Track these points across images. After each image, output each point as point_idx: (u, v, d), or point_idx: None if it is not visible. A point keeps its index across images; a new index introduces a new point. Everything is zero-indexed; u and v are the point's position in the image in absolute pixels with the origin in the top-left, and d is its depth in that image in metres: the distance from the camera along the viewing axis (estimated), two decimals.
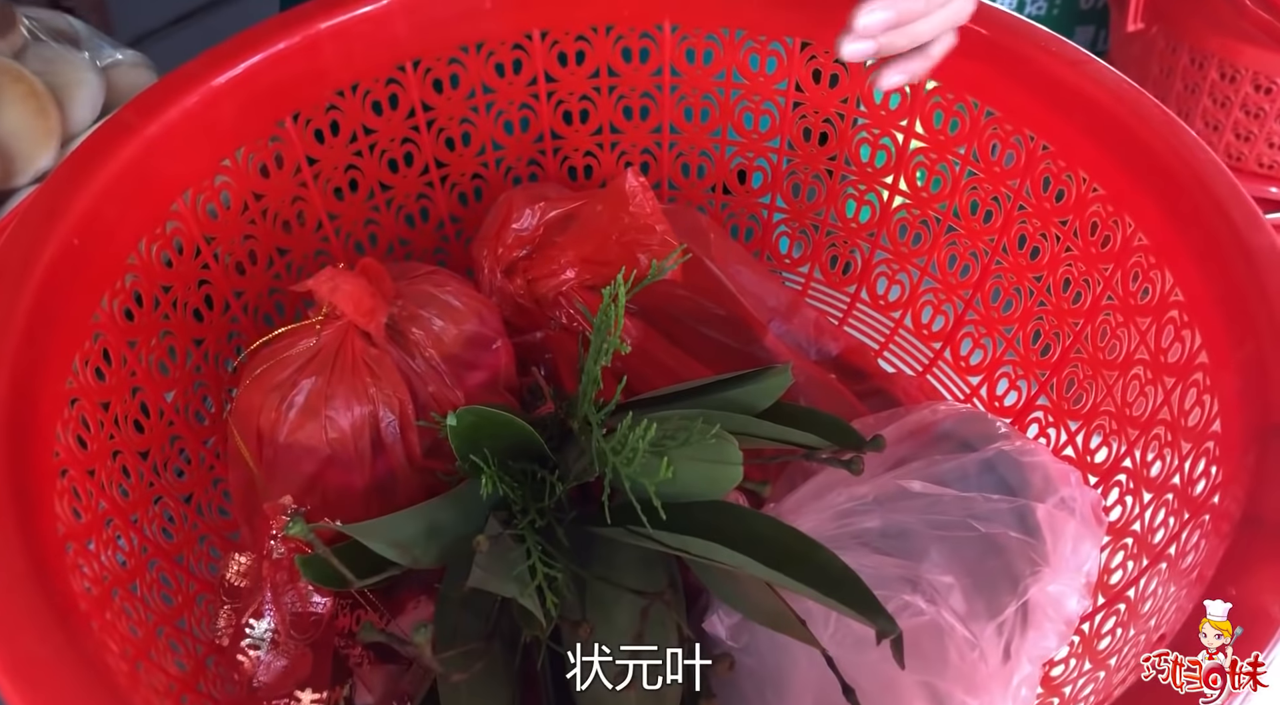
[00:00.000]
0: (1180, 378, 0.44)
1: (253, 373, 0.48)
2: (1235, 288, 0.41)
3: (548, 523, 0.44)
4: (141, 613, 0.42)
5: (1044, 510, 0.46)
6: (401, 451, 0.49)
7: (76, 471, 0.41)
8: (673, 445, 0.41)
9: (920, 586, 0.46)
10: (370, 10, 0.52)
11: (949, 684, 0.43)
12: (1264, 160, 0.95)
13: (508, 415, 0.43)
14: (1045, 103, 0.50)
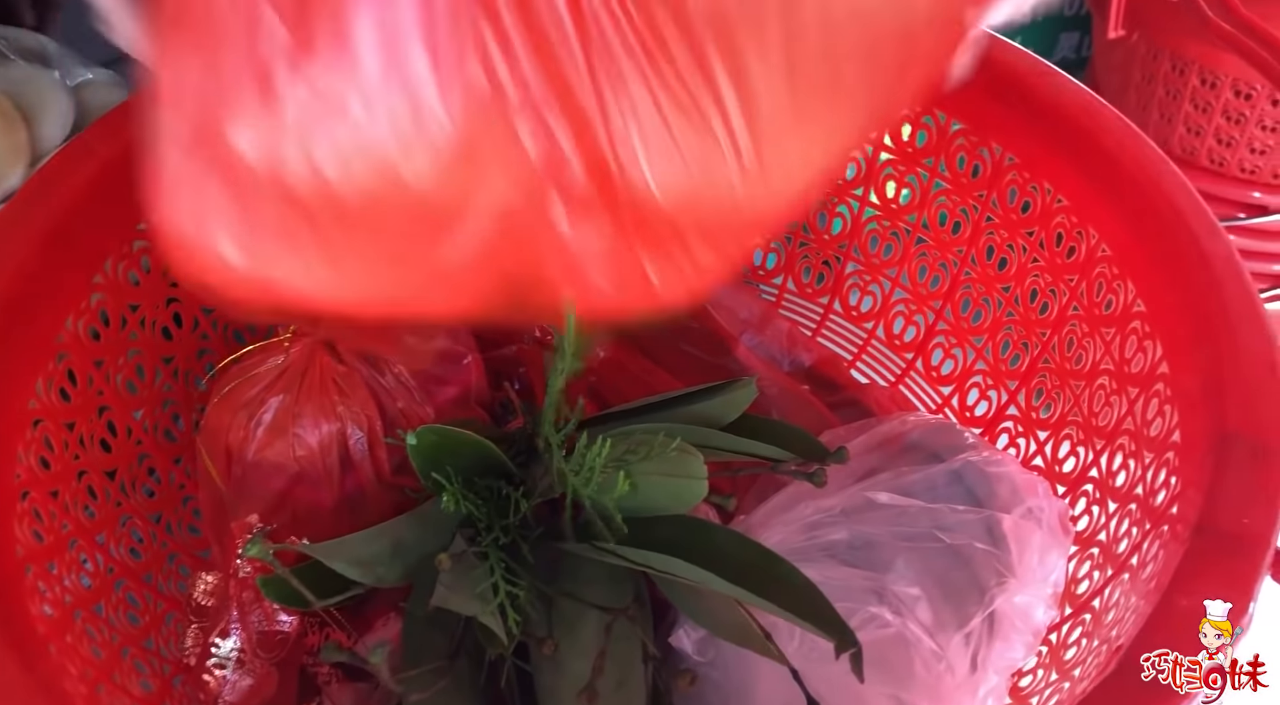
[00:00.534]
0: (1143, 388, 0.44)
1: (221, 391, 0.48)
2: (1193, 300, 0.41)
3: (513, 539, 0.44)
4: (106, 634, 0.42)
5: (1010, 521, 0.46)
6: (370, 468, 0.49)
7: (38, 493, 0.41)
8: (634, 460, 0.41)
9: (886, 598, 0.46)
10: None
11: (915, 696, 0.43)
12: (1246, 165, 0.95)
13: (469, 434, 0.43)
14: (1011, 115, 0.50)
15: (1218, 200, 0.98)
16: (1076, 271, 0.49)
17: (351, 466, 0.49)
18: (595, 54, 0.30)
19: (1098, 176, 0.47)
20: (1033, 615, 0.46)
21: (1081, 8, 1.15)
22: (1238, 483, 0.35)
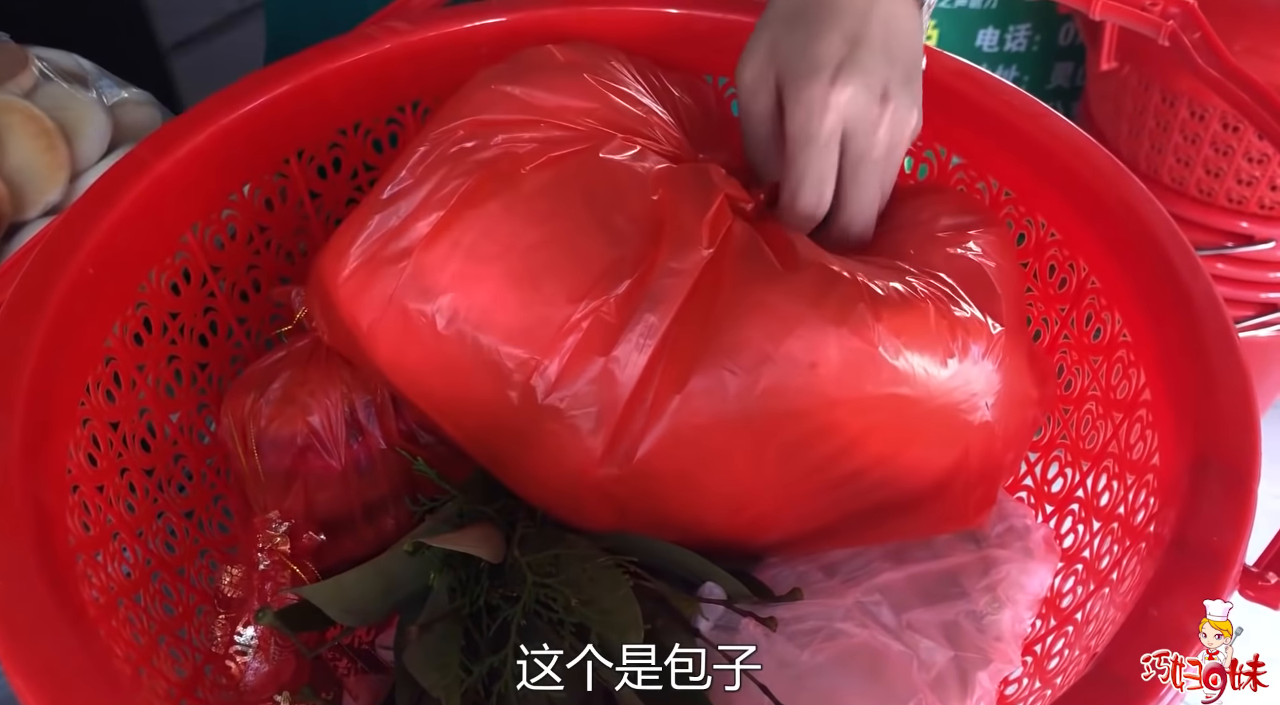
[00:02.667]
0: (1127, 413, 0.47)
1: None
2: (1174, 332, 0.44)
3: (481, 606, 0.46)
4: (144, 622, 0.45)
5: (997, 538, 0.49)
6: (379, 434, 0.52)
7: (87, 487, 0.44)
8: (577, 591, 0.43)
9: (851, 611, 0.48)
10: (371, 55, 0.55)
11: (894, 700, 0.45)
12: (1233, 195, 0.99)
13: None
14: (1006, 152, 0.53)
15: (1206, 229, 1.01)
16: (1067, 302, 0.52)
17: (360, 432, 0.51)
18: None
19: (1087, 212, 0.50)
20: (1019, 627, 0.48)
21: (1076, 39, 1.18)
22: (1210, 504, 0.37)
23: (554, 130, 0.47)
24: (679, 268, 0.43)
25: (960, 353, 0.44)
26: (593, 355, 0.43)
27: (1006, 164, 0.54)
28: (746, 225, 0.46)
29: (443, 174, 0.45)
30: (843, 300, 0.43)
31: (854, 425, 0.44)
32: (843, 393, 0.43)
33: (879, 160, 0.47)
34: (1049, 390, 0.50)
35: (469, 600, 0.44)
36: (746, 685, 0.44)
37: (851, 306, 0.43)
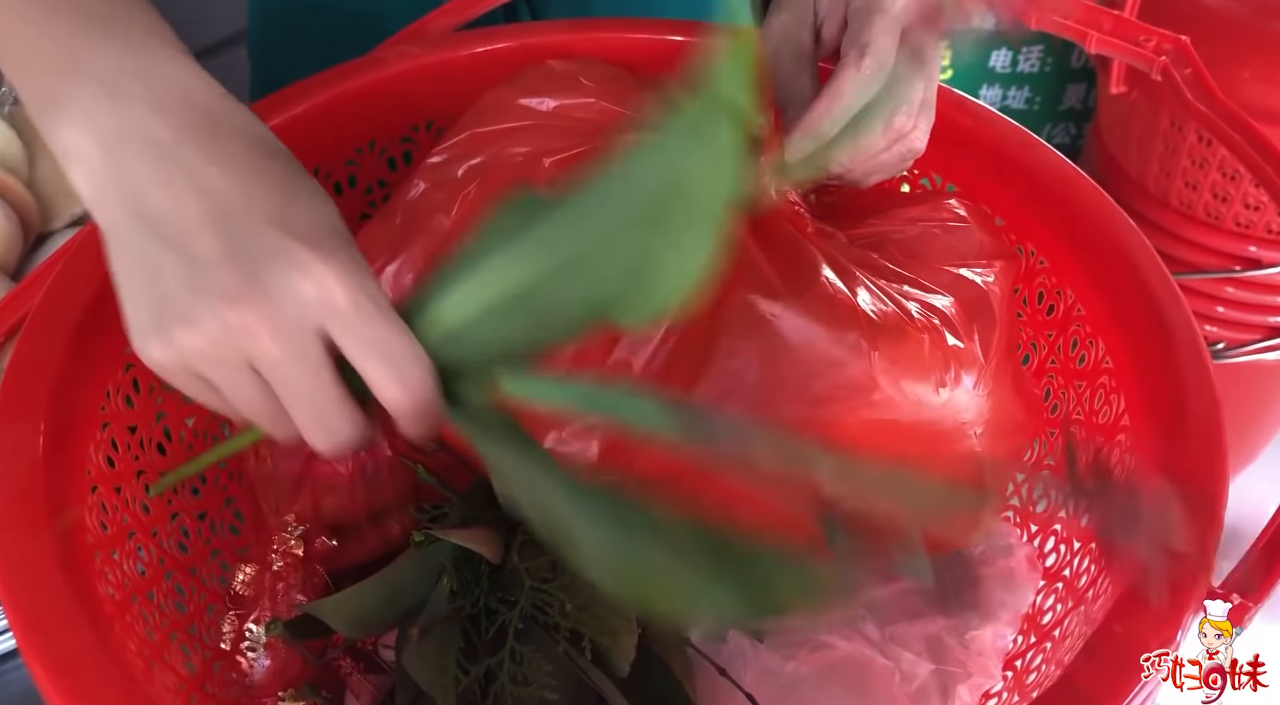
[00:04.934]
0: (1108, 437, 0.49)
1: None
2: (1152, 360, 0.46)
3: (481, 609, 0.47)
4: (157, 618, 0.47)
5: (981, 556, 0.50)
6: (385, 442, 0.53)
7: (105, 488, 0.46)
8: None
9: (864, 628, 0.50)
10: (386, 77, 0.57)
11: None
12: (1240, 220, 0.99)
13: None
14: (998, 180, 0.55)
15: (1213, 253, 1.02)
16: (1055, 328, 0.54)
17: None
18: None
19: (1074, 241, 0.51)
20: (1000, 642, 0.50)
21: (1088, 61, 1.19)
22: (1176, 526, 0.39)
23: (552, 133, 0.49)
24: None
25: (952, 382, 0.45)
26: (590, 363, 0.45)
27: (998, 192, 0.55)
28: (746, 233, 0.47)
29: (448, 190, 0.47)
30: (840, 326, 0.45)
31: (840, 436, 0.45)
32: (834, 416, 0.44)
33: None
34: (1035, 416, 0.51)
35: (469, 602, 0.46)
36: (733, 693, 0.46)
37: (848, 332, 0.44)
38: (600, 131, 0.49)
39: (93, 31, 0.38)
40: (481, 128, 0.49)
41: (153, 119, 0.36)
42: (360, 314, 0.36)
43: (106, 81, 0.36)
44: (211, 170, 0.36)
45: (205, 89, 0.38)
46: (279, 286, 0.35)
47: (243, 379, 0.37)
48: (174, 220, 0.36)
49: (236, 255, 0.35)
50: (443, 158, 0.49)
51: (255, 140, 0.38)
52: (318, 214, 0.38)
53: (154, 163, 0.36)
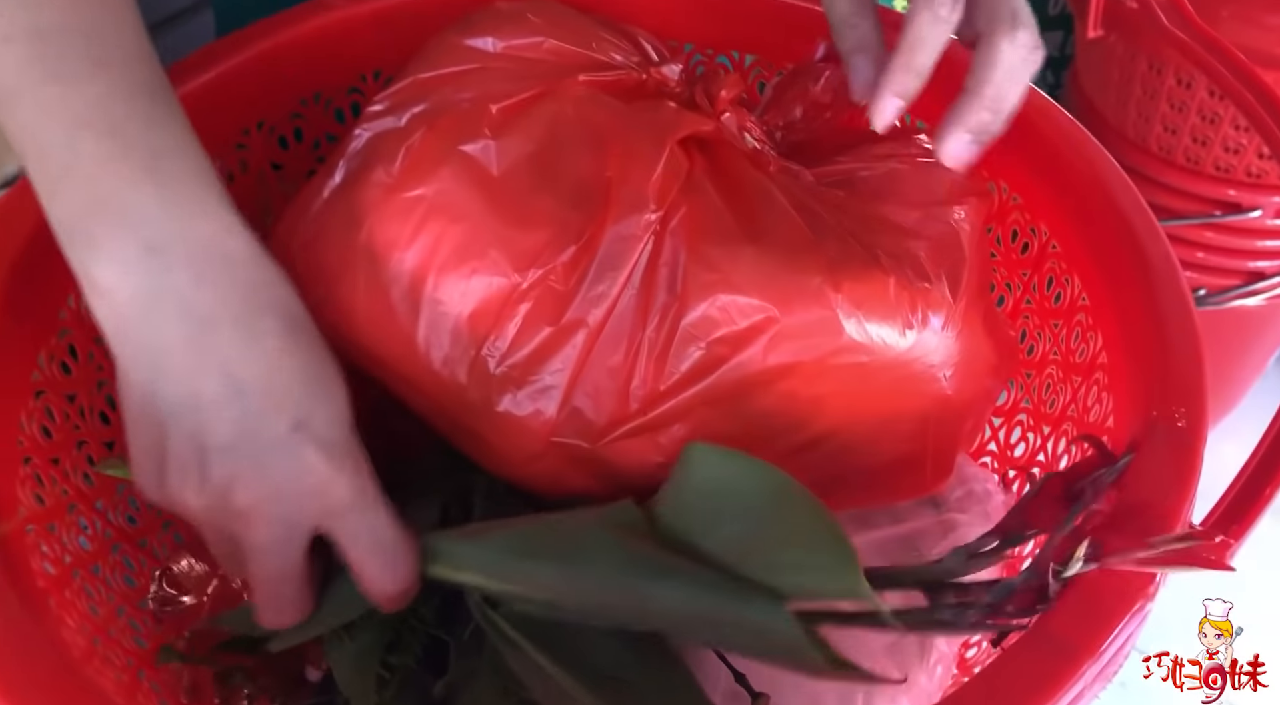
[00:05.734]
0: (1085, 377, 0.47)
1: None
2: (1130, 296, 0.44)
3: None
4: (103, 593, 0.45)
5: (957, 502, 0.49)
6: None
7: (40, 459, 0.44)
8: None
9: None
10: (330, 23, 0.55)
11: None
12: (1220, 164, 0.98)
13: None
14: None
15: (1193, 197, 1.01)
16: (1029, 266, 0.52)
17: None
18: None
19: (1048, 175, 0.49)
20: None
21: (1065, 7, 1.17)
22: (1157, 466, 0.37)
23: (499, 76, 0.47)
24: (627, 232, 0.43)
25: (920, 323, 0.44)
26: (543, 324, 0.43)
27: None
28: (704, 177, 0.45)
29: (391, 141, 0.45)
30: (802, 270, 0.43)
31: (811, 394, 0.43)
32: (799, 362, 0.43)
33: None
34: (1009, 358, 0.49)
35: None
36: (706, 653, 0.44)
37: (810, 276, 0.43)
38: (550, 73, 0.47)
39: (135, 173, 0.36)
40: (424, 73, 0.47)
41: (191, 288, 0.36)
42: (361, 515, 0.38)
43: (145, 237, 0.36)
44: (242, 355, 0.36)
45: (245, 251, 0.38)
46: (286, 485, 0.37)
47: (225, 541, 0.39)
48: (193, 393, 0.36)
49: (248, 445, 0.36)
50: (384, 106, 0.47)
51: (288, 318, 0.38)
52: (335, 414, 0.38)
53: (186, 332, 0.36)
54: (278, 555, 0.38)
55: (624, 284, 0.43)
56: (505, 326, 0.43)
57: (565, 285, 0.43)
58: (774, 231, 0.44)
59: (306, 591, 0.40)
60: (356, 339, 0.47)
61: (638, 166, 0.44)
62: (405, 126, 0.46)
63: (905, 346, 0.43)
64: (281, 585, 0.39)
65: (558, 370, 0.43)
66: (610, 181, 0.44)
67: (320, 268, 0.46)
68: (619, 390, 0.44)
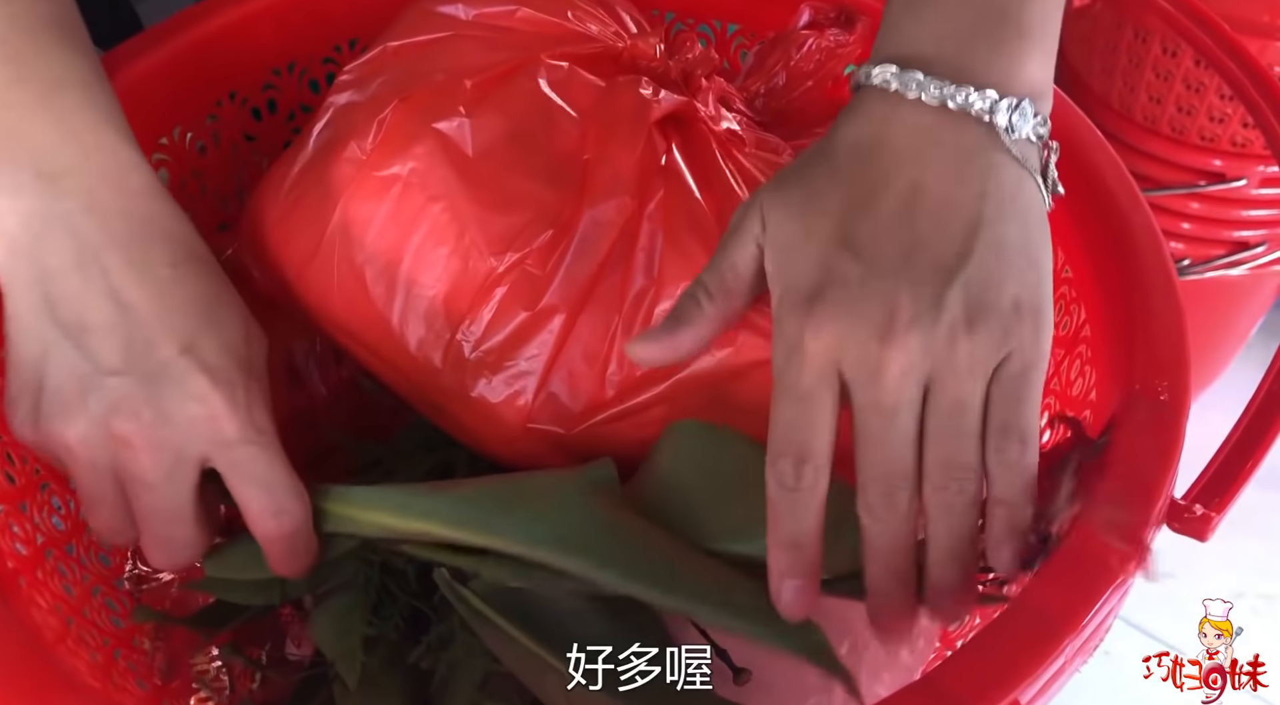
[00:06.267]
0: (1068, 350, 0.47)
1: None
2: (1113, 267, 0.43)
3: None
4: (78, 573, 0.45)
5: None
6: (320, 382, 0.51)
7: (9, 437, 0.43)
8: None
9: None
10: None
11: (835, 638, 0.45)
12: (1205, 133, 0.97)
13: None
14: None
15: (1178, 167, 1.00)
16: None
17: (300, 380, 0.51)
18: None
19: None
20: None
21: None
22: (1138, 438, 0.37)
23: (471, 45, 0.45)
24: (604, 217, 0.42)
25: None
26: (519, 308, 0.42)
27: None
28: (680, 159, 0.45)
29: (363, 113, 0.44)
30: None
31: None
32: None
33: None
34: None
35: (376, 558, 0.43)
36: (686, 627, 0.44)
37: None
38: (524, 43, 0.46)
39: (32, 100, 0.36)
40: (394, 41, 0.46)
41: (82, 216, 0.35)
42: (248, 448, 0.37)
43: (40, 164, 0.35)
44: (131, 280, 0.36)
45: (140, 183, 0.37)
46: (172, 410, 0.36)
47: (101, 480, 0.37)
48: (81, 318, 0.35)
49: (135, 369, 0.36)
50: (353, 76, 0.46)
51: (182, 249, 0.38)
52: (226, 342, 0.38)
53: (74, 257, 0.35)
54: (166, 486, 0.37)
55: (600, 268, 0.42)
56: (480, 310, 0.43)
57: (542, 269, 0.42)
58: None
59: (198, 530, 0.39)
60: (332, 316, 0.46)
61: (615, 149, 0.43)
62: (377, 98, 0.45)
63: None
64: (173, 524, 0.38)
65: (533, 356, 0.43)
66: (588, 164, 0.43)
67: (294, 243, 0.45)
68: (595, 376, 0.43)
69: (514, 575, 0.36)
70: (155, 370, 0.36)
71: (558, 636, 0.37)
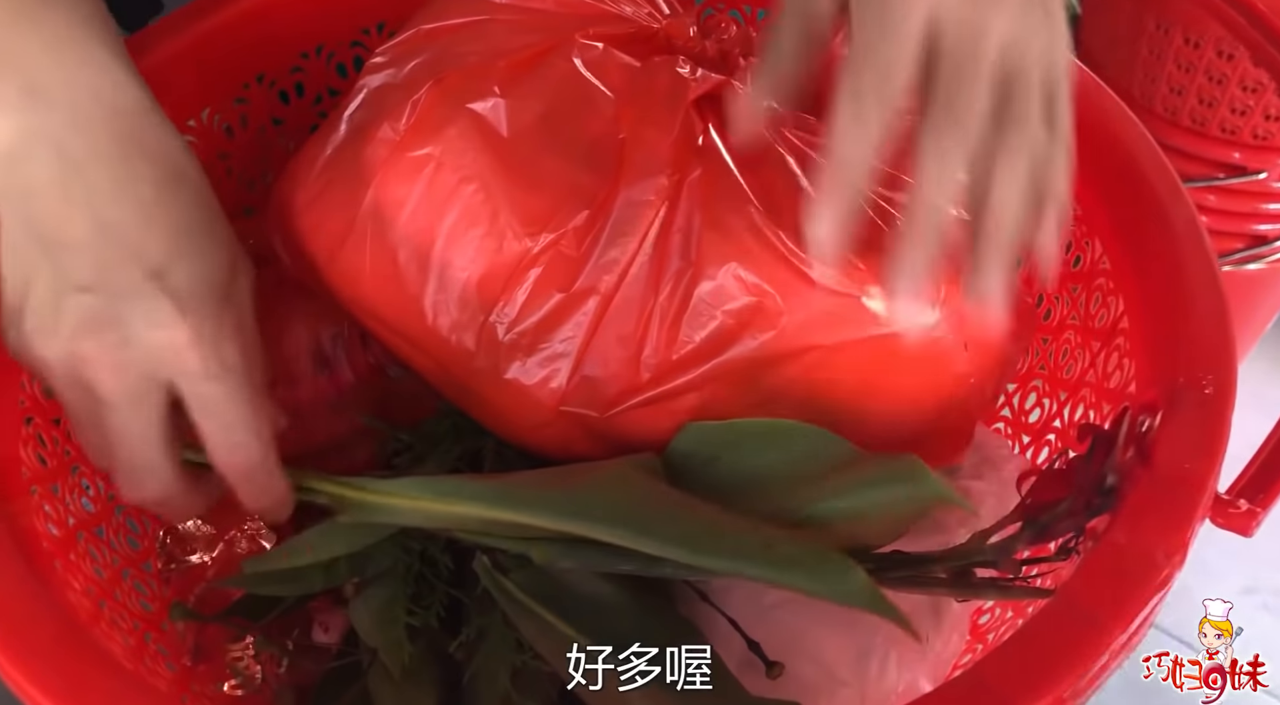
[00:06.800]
0: (1105, 342, 0.46)
1: None
2: (1153, 258, 0.43)
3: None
4: (107, 556, 0.44)
5: (972, 469, 0.48)
6: (347, 367, 0.51)
7: (41, 420, 0.43)
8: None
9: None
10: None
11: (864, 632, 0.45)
12: (1226, 125, 0.97)
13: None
14: None
15: (1198, 160, 1.00)
16: None
17: (328, 366, 0.51)
18: None
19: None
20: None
21: None
22: (1183, 432, 0.37)
23: (506, 28, 0.45)
24: (641, 197, 0.41)
25: (943, 298, 0.43)
26: (553, 290, 0.42)
27: None
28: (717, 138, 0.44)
29: (396, 95, 0.43)
30: None
31: (828, 373, 0.42)
32: (818, 341, 0.42)
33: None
34: (1027, 325, 0.49)
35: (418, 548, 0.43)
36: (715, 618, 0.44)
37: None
38: (559, 25, 0.46)
39: (17, 13, 0.35)
40: (428, 24, 0.46)
41: (67, 131, 0.35)
42: (208, 378, 0.37)
43: (26, 79, 0.34)
44: (112, 198, 0.35)
45: (129, 101, 0.37)
46: (134, 333, 0.36)
47: (80, 399, 0.37)
48: (59, 234, 0.35)
49: (105, 287, 0.35)
50: (387, 58, 0.45)
51: (168, 168, 0.37)
52: (204, 271, 0.37)
53: (57, 173, 0.35)
54: (130, 409, 0.37)
55: (636, 250, 0.42)
56: (514, 292, 0.42)
57: (577, 251, 0.41)
58: (789, 201, 0.43)
59: (164, 463, 0.38)
60: (362, 300, 0.46)
61: (651, 129, 0.43)
62: (410, 80, 0.45)
63: (928, 323, 0.42)
64: (138, 448, 0.37)
65: (568, 338, 0.42)
66: (623, 144, 0.43)
67: (325, 226, 0.45)
68: (630, 359, 0.43)
69: (563, 554, 0.36)
70: (124, 290, 0.36)
71: (594, 627, 0.37)
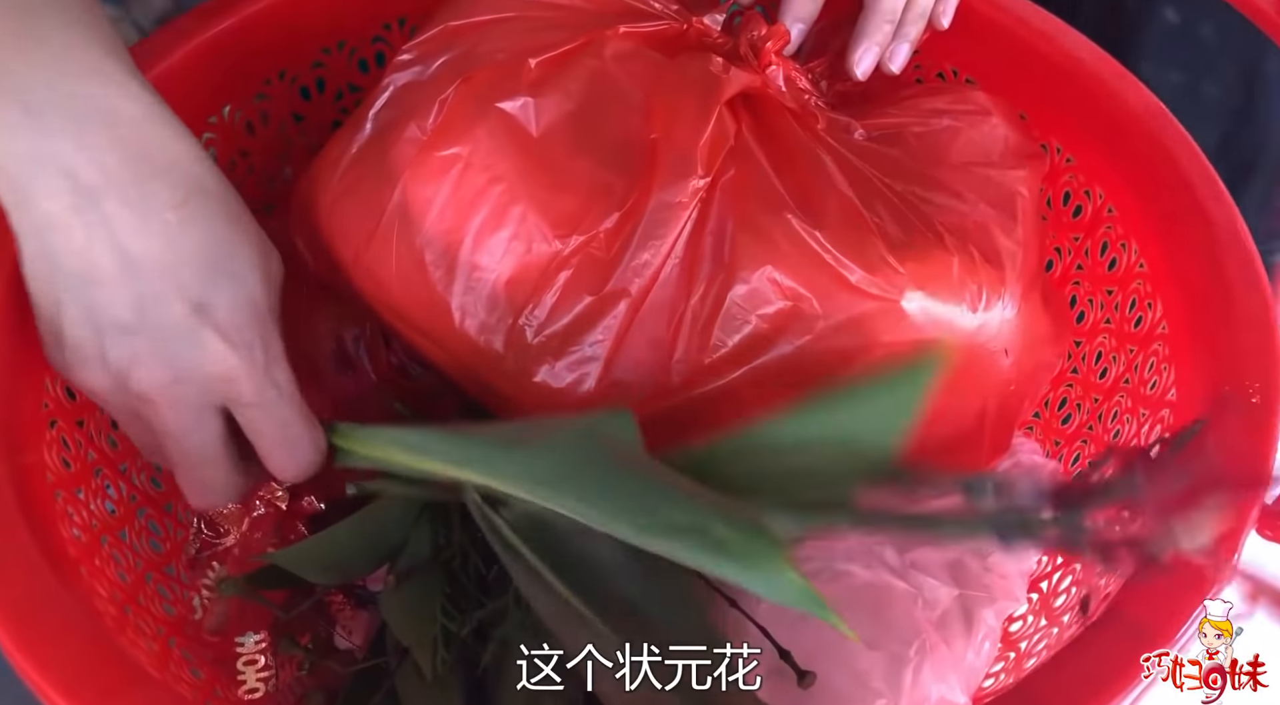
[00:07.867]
0: (1141, 347, 0.46)
1: None
2: (1194, 261, 0.42)
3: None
4: (130, 559, 0.44)
5: (1004, 472, 0.48)
6: (369, 368, 0.50)
7: (65, 422, 0.42)
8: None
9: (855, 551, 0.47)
10: None
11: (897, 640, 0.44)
12: None
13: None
14: (1020, 71, 0.51)
15: None
16: (1082, 230, 0.50)
17: (350, 366, 0.50)
18: None
19: (1104, 136, 0.47)
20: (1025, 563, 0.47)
21: None
22: (1230, 440, 0.36)
23: (534, 25, 0.44)
24: (673, 199, 0.41)
25: (980, 301, 0.42)
26: (583, 293, 0.41)
27: (1021, 84, 0.51)
28: (751, 138, 0.43)
29: (423, 93, 0.43)
30: (862, 245, 0.41)
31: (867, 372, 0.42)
32: (855, 346, 0.41)
33: None
34: (1064, 329, 0.48)
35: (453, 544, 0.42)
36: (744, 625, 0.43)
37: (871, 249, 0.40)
38: (588, 23, 0.45)
39: (17, 27, 0.33)
40: (455, 20, 0.45)
41: (75, 154, 0.33)
42: (263, 405, 0.37)
43: (26, 98, 0.32)
44: (135, 228, 0.33)
45: (138, 113, 0.35)
46: (184, 371, 0.35)
47: (132, 421, 0.38)
48: (83, 269, 0.34)
49: (148, 328, 0.35)
50: (413, 55, 0.45)
51: (186, 184, 0.35)
52: (240, 294, 0.36)
53: (69, 203, 0.33)
54: (191, 437, 0.37)
55: (669, 253, 0.41)
56: (544, 295, 0.42)
57: (607, 253, 0.41)
58: (826, 203, 0.42)
59: (232, 471, 0.39)
60: (387, 300, 0.45)
61: (684, 129, 0.42)
62: (437, 78, 0.44)
63: (969, 330, 0.42)
64: (202, 469, 0.38)
65: (598, 341, 0.42)
66: (655, 144, 0.42)
67: (350, 226, 0.44)
68: (660, 363, 0.42)
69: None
70: (168, 331, 0.35)
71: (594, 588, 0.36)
